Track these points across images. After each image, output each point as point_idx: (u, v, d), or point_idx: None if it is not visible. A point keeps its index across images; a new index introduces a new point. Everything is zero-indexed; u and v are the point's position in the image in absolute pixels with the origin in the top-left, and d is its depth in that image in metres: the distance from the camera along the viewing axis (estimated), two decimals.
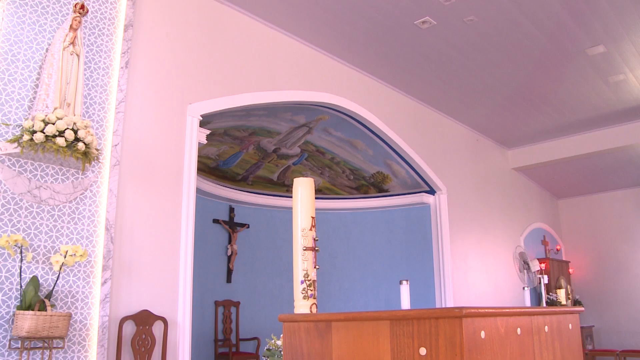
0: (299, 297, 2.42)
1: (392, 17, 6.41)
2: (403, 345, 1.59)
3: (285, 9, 6.26)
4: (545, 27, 6.66)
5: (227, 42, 6.06)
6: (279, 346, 2.89)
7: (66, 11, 4.61)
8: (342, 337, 1.72)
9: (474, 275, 9.24)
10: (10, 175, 4.10)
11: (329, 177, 9.27)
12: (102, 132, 4.69)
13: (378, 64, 7.62)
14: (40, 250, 4.17)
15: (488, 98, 8.80)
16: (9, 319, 3.91)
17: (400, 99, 8.47)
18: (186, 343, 5.05)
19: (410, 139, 8.37)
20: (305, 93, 6.84)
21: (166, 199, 5.15)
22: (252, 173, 8.91)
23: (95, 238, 4.49)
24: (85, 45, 4.66)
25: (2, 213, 4.03)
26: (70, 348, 4.18)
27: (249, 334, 8.32)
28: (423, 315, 1.57)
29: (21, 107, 4.24)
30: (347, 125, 7.81)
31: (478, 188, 9.99)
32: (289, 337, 1.86)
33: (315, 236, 2.50)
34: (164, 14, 5.48)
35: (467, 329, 1.52)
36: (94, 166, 4.56)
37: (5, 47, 4.27)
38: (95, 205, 4.54)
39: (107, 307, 4.44)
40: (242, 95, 6.06)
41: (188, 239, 5.23)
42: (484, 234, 9.88)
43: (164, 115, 5.29)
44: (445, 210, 8.78)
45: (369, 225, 9.46)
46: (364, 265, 9.30)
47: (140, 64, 5.15)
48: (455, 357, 1.49)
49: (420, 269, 8.70)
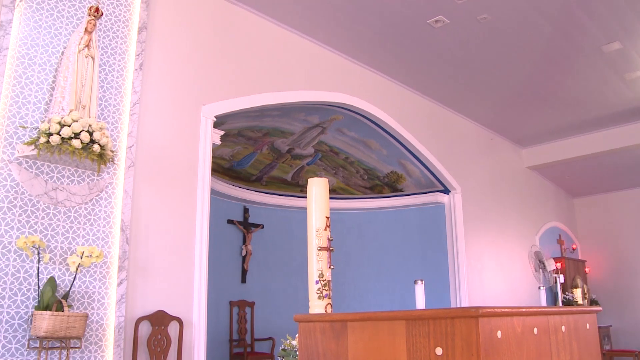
0: (314, 297, 2.42)
1: (405, 16, 6.39)
2: (419, 345, 1.58)
3: (299, 9, 6.26)
4: (559, 24, 6.60)
5: (240, 43, 6.08)
6: (294, 346, 2.89)
7: (81, 15, 4.65)
8: (357, 337, 1.72)
9: (489, 275, 9.19)
10: (28, 177, 4.15)
11: (343, 177, 9.26)
12: (117, 134, 4.72)
13: (391, 64, 7.60)
14: (57, 252, 4.20)
15: (502, 96, 8.75)
16: (27, 319, 3.95)
17: (413, 98, 8.45)
18: (201, 343, 5.07)
19: (424, 138, 8.34)
20: (319, 93, 6.84)
21: (181, 199, 5.17)
22: (266, 173, 8.92)
23: (111, 239, 4.53)
24: (99, 47, 4.69)
25: (20, 215, 4.07)
26: (87, 348, 4.22)
27: (263, 334, 8.33)
28: (439, 315, 1.56)
29: (38, 110, 4.28)
30: (361, 125, 7.80)
31: (492, 187, 9.93)
32: (305, 337, 1.86)
33: (329, 236, 2.50)
34: (177, 15, 5.50)
35: (484, 329, 1.51)
36: (109, 168, 4.60)
37: (22, 51, 4.31)
38: (110, 206, 4.57)
39: (123, 307, 4.47)
40: (255, 96, 6.07)
41: (203, 239, 5.26)
42: (499, 233, 9.82)
43: (178, 116, 5.32)
44: (460, 209, 8.73)
45: (383, 225, 9.44)
46: (378, 265, 9.28)
47: (154, 66, 5.18)
48: (472, 357, 1.48)
49: (434, 269, 8.67)
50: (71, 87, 4.26)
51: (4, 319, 3.87)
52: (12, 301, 3.93)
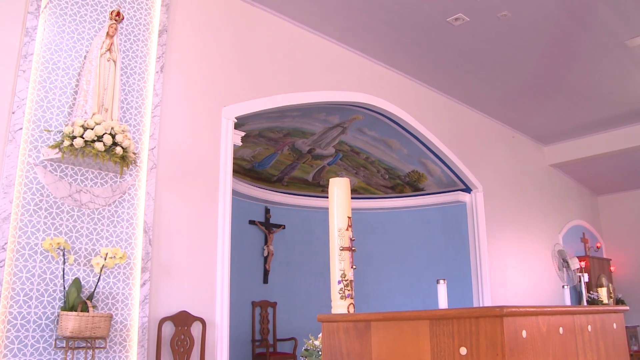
0: (337, 297, 2.41)
1: (424, 14, 6.36)
2: (443, 344, 1.57)
3: (318, 10, 6.26)
4: (581, 20, 6.51)
5: (260, 44, 6.09)
6: (316, 346, 2.89)
7: (103, 19, 4.70)
8: (381, 337, 1.71)
9: (512, 274, 9.10)
10: (52, 180, 4.20)
11: (364, 177, 9.24)
12: (139, 136, 4.76)
13: (411, 62, 7.57)
14: (81, 253, 4.25)
15: (523, 94, 8.66)
16: (54, 319, 4.01)
17: (434, 96, 8.40)
18: (224, 343, 5.10)
19: (445, 136, 8.29)
20: (339, 93, 6.83)
21: (202, 200, 5.20)
22: (287, 174, 8.94)
23: (134, 240, 4.57)
24: (121, 51, 4.74)
25: (45, 217, 4.13)
26: (112, 348, 4.26)
27: (286, 335, 8.35)
28: (463, 315, 1.54)
29: (61, 114, 4.34)
30: (381, 125, 7.78)
31: (514, 185, 9.83)
32: (328, 338, 1.85)
33: (351, 236, 2.49)
34: (197, 18, 5.54)
35: (508, 328, 1.49)
36: (132, 170, 4.64)
37: (47, 56, 4.37)
38: (133, 208, 4.62)
39: (147, 308, 4.51)
40: (276, 97, 6.09)
41: (225, 240, 5.28)
42: (522, 231, 9.73)
43: (199, 118, 5.35)
44: (482, 208, 8.67)
45: (404, 224, 9.41)
46: (400, 264, 9.24)
47: (175, 68, 5.22)
48: (497, 356, 1.47)
49: (457, 268, 8.61)
50: (94, 90, 4.31)
51: (31, 319, 3.93)
52: (39, 302, 3.98)
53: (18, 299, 3.91)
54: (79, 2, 4.63)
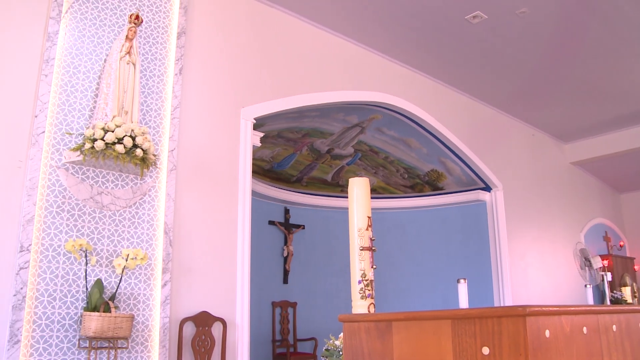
0: (357, 297, 2.41)
1: (442, 13, 6.33)
2: (465, 344, 1.56)
3: (335, 10, 6.26)
4: (602, 15, 6.42)
5: (278, 45, 6.11)
6: (337, 346, 2.89)
7: (122, 22, 4.75)
8: (403, 336, 1.71)
9: (533, 273, 9.02)
10: (74, 182, 4.25)
11: (383, 177, 9.22)
12: (158, 138, 4.80)
13: (429, 61, 7.53)
14: (103, 254, 4.30)
15: (543, 91, 8.57)
16: (77, 319, 4.06)
17: (452, 95, 8.35)
18: (245, 343, 5.11)
19: (464, 135, 8.24)
20: (357, 93, 6.82)
21: (222, 201, 5.23)
22: (306, 174, 8.95)
23: (155, 241, 4.61)
24: (140, 54, 4.78)
25: (68, 219, 4.18)
26: (134, 348, 4.30)
27: (306, 335, 8.36)
28: (485, 314, 1.53)
29: (82, 117, 4.39)
30: (400, 124, 7.75)
31: (535, 183, 9.74)
32: (349, 338, 1.85)
33: (371, 236, 2.49)
34: (215, 20, 5.57)
35: (531, 328, 1.48)
36: (152, 171, 4.68)
37: (68, 60, 4.43)
38: (153, 209, 4.65)
39: (168, 308, 4.54)
40: (294, 97, 6.10)
41: (245, 240, 5.30)
42: (542, 230, 9.63)
43: (218, 119, 5.38)
44: (502, 207, 8.60)
45: (424, 223, 9.37)
46: (420, 264, 9.20)
47: (194, 70, 5.25)
48: (520, 356, 1.45)
49: (477, 267, 8.55)
50: (114, 93, 4.35)
51: (56, 319, 3.98)
52: (62, 302, 4.03)
53: (42, 300, 3.96)
54: (99, 6, 4.68)
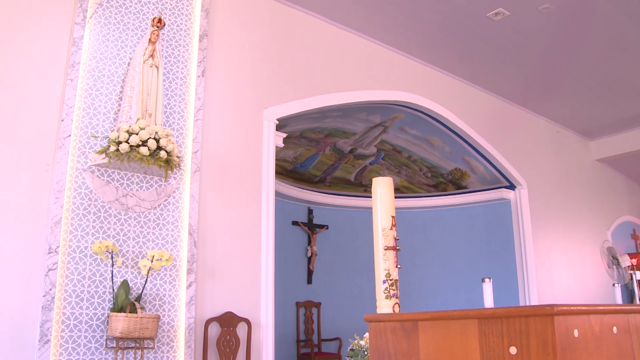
0: (382, 297, 2.40)
1: (464, 10, 6.28)
2: (492, 344, 1.55)
3: (356, 9, 6.25)
4: (627, 8, 6.31)
5: (299, 46, 6.12)
6: (362, 346, 2.88)
7: (145, 26, 4.80)
8: (429, 336, 1.70)
9: (559, 272, 8.90)
10: (100, 185, 4.31)
11: (407, 176, 9.18)
12: (182, 140, 4.84)
13: (451, 59, 7.48)
14: (129, 256, 4.35)
15: (567, 88, 8.45)
16: (104, 320, 4.11)
17: (475, 93, 8.29)
18: (269, 344, 5.13)
19: (488, 133, 8.17)
20: (379, 92, 6.81)
21: (246, 202, 5.25)
22: (330, 174, 8.95)
23: (179, 243, 4.64)
24: (163, 57, 4.83)
25: (94, 221, 4.24)
26: (160, 348, 4.34)
27: (330, 335, 8.36)
28: (512, 314, 1.51)
29: (107, 120, 4.45)
30: (423, 123, 7.71)
31: (560, 181, 9.61)
32: (375, 338, 1.84)
33: (396, 235, 2.48)
34: (236, 22, 5.60)
35: (559, 328, 1.46)
36: (176, 173, 4.72)
37: (92, 64, 4.49)
38: (178, 211, 4.69)
39: (193, 309, 4.58)
40: (316, 98, 6.10)
41: (269, 241, 5.32)
42: (568, 229, 9.50)
43: (241, 120, 5.40)
44: (527, 205, 8.50)
45: (448, 223, 9.30)
46: (444, 263, 9.14)
47: (216, 72, 5.28)
48: (548, 356, 1.43)
49: (502, 267, 8.47)
50: (138, 96, 4.40)
51: (83, 320, 4.03)
52: (89, 303, 4.09)
53: (70, 301, 4.02)
54: (122, 11, 4.74)
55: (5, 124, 4.06)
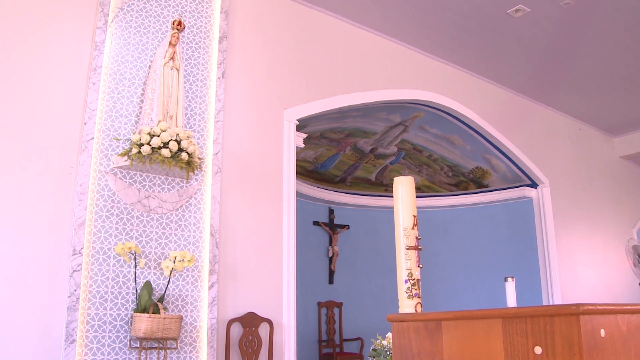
0: (404, 297, 2.39)
1: (483, 8, 6.23)
2: (517, 344, 1.53)
3: (375, 8, 6.24)
4: None
5: (319, 46, 6.12)
6: (384, 346, 2.88)
7: (165, 29, 4.84)
8: (452, 336, 1.68)
9: (583, 271, 8.78)
10: (122, 187, 4.35)
11: (427, 175, 9.14)
12: (203, 142, 4.87)
13: (471, 57, 7.43)
14: (151, 257, 4.39)
15: (590, 84, 8.34)
16: (127, 320, 4.15)
17: (496, 91, 8.22)
18: (291, 344, 5.14)
19: (509, 131, 8.09)
20: (399, 91, 6.78)
21: (267, 203, 5.27)
22: (350, 174, 8.94)
23: (201, 244, 4.67)
24: (183, 59, 4.86)
25: (117, 222, 4.28)
26: (183, 349, 4.37)
27: (352, 335, 8.35)
28: (537, 313, 1.49)
29: (129, 123, 4.49)
30: (443, 122, 7.67)
31: (583, 179, 9.48)
32: (398, 337, 1.84)
33: (417, 235, 2.47)
34: (255, 23, 5.61)
35: (585, 327, 1.43)
36: (197, 174, 4.75)
37: (114, 68, 4.53)
38: (199, 212, 4.72)
39: (215, 309, 4.60)
40: (336, 98, 6.10)
41: (290, 241, 5.33)
42: (592, 227, 9.37)
43: (261, 121, 5.42)
44: (549, 203, 8.40)
45: (470, 222, 9.24)
46: (466, 262, 9.08)
47: (236, 73, 5.31)
48: (574, 356, 1.41)
49: (524, 266, 8.39)
50: (159, 98, 4.43)
51: (107, 320, 4.08)
52: (113, 304, 4.13)
53: (95, 301, 4.07)
54: (143, 14, 4.78)
55: (30, 128, 4.12)
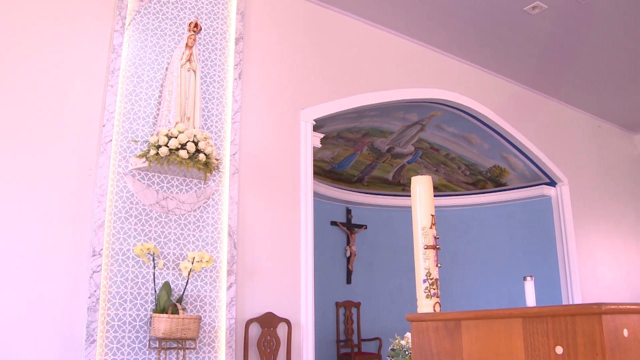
0: (422, 296, 2.39)
1: (500, 5, 6.18)
2: (537, 343, 1.52)
3: (390, 8, 6.22)
4: None
5: (334, 46, 6.12)
6: (403, 346, 2.87)
7: (182, 31, 4.86)
8: (472, 335, 1.67)
9: (603, 271, 8.67)
10: (141, 188, 4.38)
11: (445, 174, 9.09)
12: (220, 143, 4.89)
13: (488, 55, 7.38)
14: (170, 258, 4.41)
15: (609, 81, 8.23)
16: (147, 321, 4.18)
17: (513, 89, 8.15)
18: (309, 344, 5.14)
19: (527, 129, 8.02)
20: (416, 90, 6.75)
21: (285, 203, 5.28)
22: (367, 174, 8.93)
23: (219, 244, 4.69)
24: (200, 61, 4.88)
25: (136, 223, 4.31)
26: (202, 349, 4.39)
27: (370, 334, 8.33)
28: (558, 312, 1.48)
29: (147, 124, 4.52)
30: (460, 120, 7.63)
31: (603, 177, 9.37)
32: (418, 337, 1.83)
33: (435, 234, 2.46)
34: (271, 24, 5.63)
35: (608, 327, 1.42)
36: (215, 175, 4.77)
37: (131, 70, 4.57)
38: (217, 212, 4.74)
39: (233, 310, 4.62)
40: (353, 97, 6.09)
41: (308, 241, 5.33)
42: (613, 225, 9.25)
43: (278, 122, 5.43)
44: (568, 201, 8.31)
45: (488, 221, 9.17)
46: (484, 262, 9.02)
47: (253, 74, 5.32)
48: (597, 356, 1.39)
49: (543, 265, 8.31)
50: (176, 100, 4.46)
51: (127, 321, 4.11)
52: (133, 304, 4.17)
53: (114, 302, 4.10)
54: (159, 17, 4.82)
55: (49, 131, 4.16)
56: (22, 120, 4.08)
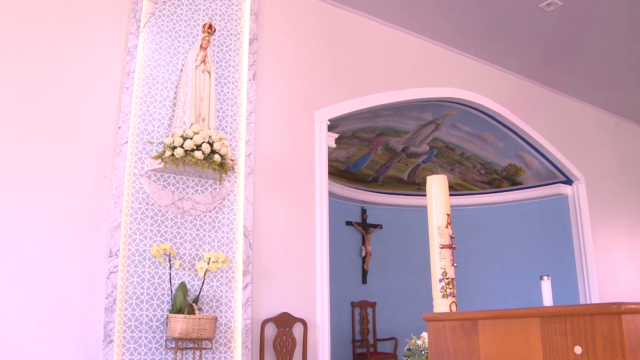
0: (438, 296, 2.38)
1: (514, 3, 6.13)
2: (556, 343, 1.50)
3: (404, 7, 6.20)
4: None
5: (349, 46, 6.11)
6: (419, 346, 2.86)
7: (196, 33, 4.89)
8: (489, 335, 1.66)
9: (622, 270, 8.58)
10: (157, 189, 4.41)
11: (460, 173, 9.05)
12: (235, 143, 4.90)
13: (503, 53, 7.33)
14: (185, 258, 4.43)
15: (626, 78, 8.14)
16: (163, 321, 4.20)
17: (528, 87, 8.09)
18: (325, 344, 5.14)
19: (542, 128, 7.96)
20: (430, 89, 6.73)
21: (300, 203, 5.28)
22: (382, 173, 8.91)
23: (235, 245, 4.71)
24: (214, 62, 4.90)
25: (152, 224, 4.34)
26: (218, 349, 4.41)
27: (386, 334, 8.31)
28: (576, 312, 1.46)
29: (162, 126, 4.55)
30: (475, 119, 7.59)
31: (620, 175, 9.26)
32: (434, 337, 1.82)
33: (451, 233, 2.45)
34: (285, 24, 5.63)
35: (628, 327, 1.39)
36: (230, 176, 4.78)
37: (147, 72, 4.60)
38: (233, 213, 4.76)
39: (249, 310, 4.63)
40: (367, 97, 6.08)
41: (323, 241, 5.33)
42: (631, 224, 9.15)
43: (293, 122, 5.44)
44: (585, 200, 8.22)
45: (503, 220, 9.12)
46: (500, 261, 8.97)
47: (267, 75, 5.33)
48: (616, 357, 1.38)
49: (560, 264, 8.23)
50: (191, 101, 4.48)
51: (144, 321, 4.14)
52: (149, 305, 4.19)
53: (131, 302, 4.13)
54: (174, 19, 4.84)
55: (66, 133, 4.20)
56: (38, 123, 4.13)
